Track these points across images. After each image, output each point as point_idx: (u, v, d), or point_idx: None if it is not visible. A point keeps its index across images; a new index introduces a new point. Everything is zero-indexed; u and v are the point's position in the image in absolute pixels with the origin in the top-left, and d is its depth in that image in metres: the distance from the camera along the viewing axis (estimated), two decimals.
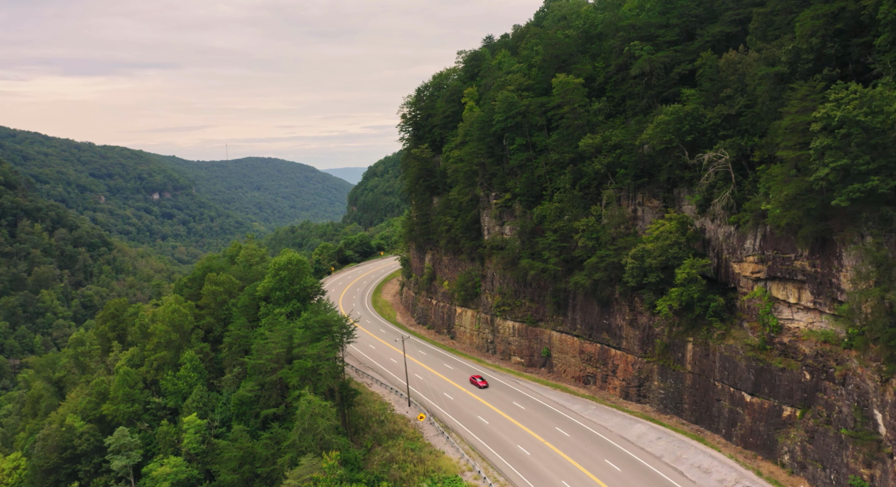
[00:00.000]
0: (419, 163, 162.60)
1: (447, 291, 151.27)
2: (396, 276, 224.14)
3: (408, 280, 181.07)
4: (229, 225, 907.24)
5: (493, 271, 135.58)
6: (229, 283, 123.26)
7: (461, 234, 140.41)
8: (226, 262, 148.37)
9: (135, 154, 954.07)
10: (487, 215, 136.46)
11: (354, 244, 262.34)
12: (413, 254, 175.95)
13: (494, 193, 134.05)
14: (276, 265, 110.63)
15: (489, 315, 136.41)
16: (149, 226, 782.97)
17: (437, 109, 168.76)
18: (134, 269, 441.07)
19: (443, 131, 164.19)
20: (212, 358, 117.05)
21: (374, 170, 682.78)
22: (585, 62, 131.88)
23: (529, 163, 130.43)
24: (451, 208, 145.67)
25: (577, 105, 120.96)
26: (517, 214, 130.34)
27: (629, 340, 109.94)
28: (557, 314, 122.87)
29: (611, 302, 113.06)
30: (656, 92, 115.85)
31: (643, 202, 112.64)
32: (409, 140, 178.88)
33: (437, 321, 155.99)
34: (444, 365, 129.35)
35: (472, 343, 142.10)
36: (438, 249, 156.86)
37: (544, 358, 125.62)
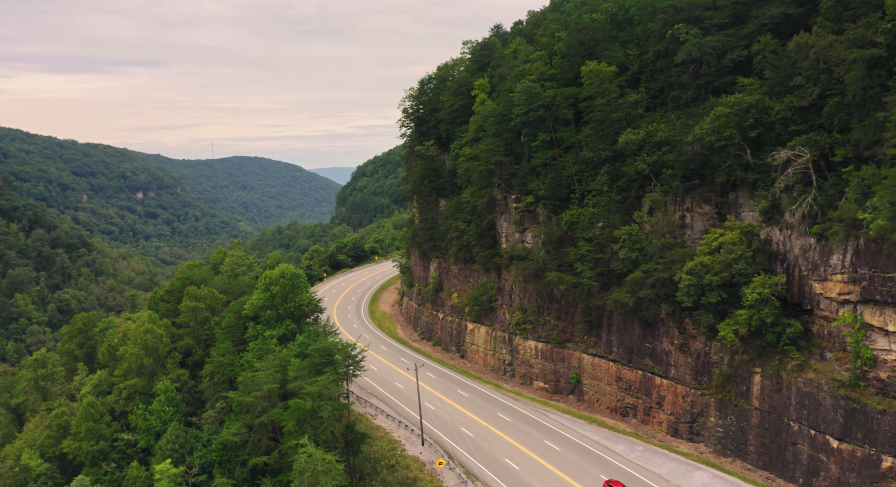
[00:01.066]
0: (424, 162, 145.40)
1: (457, 304, 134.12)
2: (394, 283, 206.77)
3: (409, 289, 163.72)
4: (215, 224, 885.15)
5: (512, 284, 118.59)
6: (212, 298, 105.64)
7: (475, 242, 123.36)
8: (208, 272, 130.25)
9: (119, 152, 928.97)
10: (505, 220, 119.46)
11: (347, 248, 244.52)
12: (415, 262, 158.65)
13: (514, 196, 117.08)
14: (267, 279, 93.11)
15: (507, 333, 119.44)
16: (132, 226, 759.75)
17: (444, 103, 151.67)
18: (114, 271, 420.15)
19: (450, 127, 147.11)
20: (190, 387, 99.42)
21: (363, 169, 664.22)
22: (616, 49, 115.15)
23: (555, 161, 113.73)
24: (462, 212, 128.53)
25: (614, 96, 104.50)
26: (541, 220, 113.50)
27: (679, 368, 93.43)
28: (589, 334, 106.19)
29: (655, 323, 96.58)
30: (705, 82, 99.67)
31: (692, 207, 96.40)
32: (412, 136, 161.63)
33: (444, 337, 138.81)
34: (457, 391, 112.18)
35: (485, 364, 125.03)
36: (446, 257, 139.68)
37: (573, 384, 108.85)
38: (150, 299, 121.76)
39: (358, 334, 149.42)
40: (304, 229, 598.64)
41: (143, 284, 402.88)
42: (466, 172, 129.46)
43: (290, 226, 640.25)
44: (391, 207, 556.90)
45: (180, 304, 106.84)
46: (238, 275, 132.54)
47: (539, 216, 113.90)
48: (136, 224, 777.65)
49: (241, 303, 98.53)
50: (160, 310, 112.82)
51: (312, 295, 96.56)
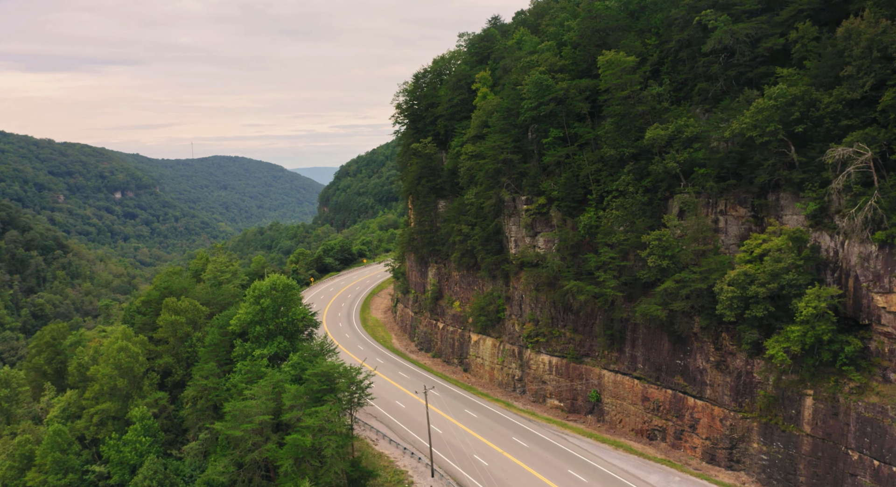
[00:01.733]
0: (421, 161, 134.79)
1: (459, 314, 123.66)
2: (385, 288, 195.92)
3: (404, 296, 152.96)
4: (195, 225, 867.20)
5: (522, 293, 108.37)
6: (193, 311, 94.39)
7: (480, 247, 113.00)
8: (189, 280, 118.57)
9: (96, 151, 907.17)
10: (514, 224, 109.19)
11: (334, 251, 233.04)
12: (411, 267, 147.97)
13: (525, 197, 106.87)
14: (257, 291, 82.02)
15: (517, 346, 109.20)
16: (110, 227, 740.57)
17: (441, 98, 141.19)
18: (91, 274, 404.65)
19: (449, 123, 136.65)
20: (170, 412, 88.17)
21: (346, 169, 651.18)
22: (632, 39, 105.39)
23: (569, 160, 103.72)
24: (465, 214, 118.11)
25: (638, 88, 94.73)
26: (554, 223, 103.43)
27: (716, 388, 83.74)
28: (611, 349, 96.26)
29: (687, 337, 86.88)
30: (737, 73, 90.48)
31: (726, 210, 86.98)
32: (406, 133, 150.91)
33: (444, 349, 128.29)
34: (464, 410, 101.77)
35: (492, 378, 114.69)
36: (447, 263, 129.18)
37: (592, 403, 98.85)
38: (126, 310, 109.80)
39: (352, 345, 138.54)
40: (286, 230, 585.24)
41: (120, 287, 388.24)
42: (469, 171, 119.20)
43: (272, 226, 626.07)
44: (375, 208, 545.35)
45: (158, 317, 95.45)
46: (222, 283, 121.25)
47: (552, 219, 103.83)
48: (115, 224, 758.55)
49: (227, 317, 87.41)
50: (136, 324, 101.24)
51: (307, 309, 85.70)
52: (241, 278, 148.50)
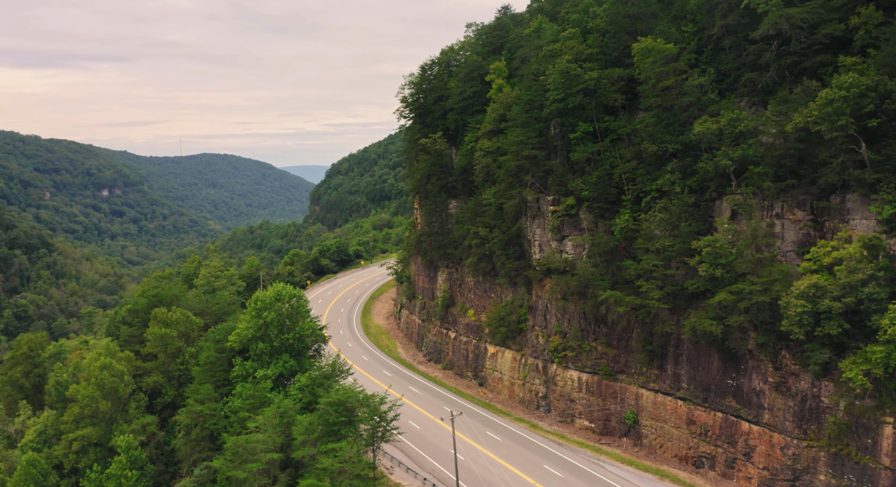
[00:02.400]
0: (430, 158, 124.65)
1: (473, 323, 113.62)
2: (385, 291, 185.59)
3: (409, 301, 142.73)
4: (183, 223, 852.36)
5: (547, 302, 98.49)
6: (186, 323, 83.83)
7: (499, 251, 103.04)
8: (180, 286, 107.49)
9: (84, 148, 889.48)
10: (539, 226, 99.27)
11: (331, 252, 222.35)
12: (418, 271, 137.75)
13: (552, 197, 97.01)
14: (260, 303, 71.61)
15: (541, 360, 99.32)
16: (97, 225, 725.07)
17: (452, 90, 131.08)
18: (77, 273, 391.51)
19: (460, 117, 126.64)
20: (160, 440, 77.70)
21: (337, 167, 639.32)
22: (667, 25, 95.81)
23: (600, 156, 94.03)
24: (482, 215, 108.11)
25: (684, 77, 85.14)
26: (584, 226, 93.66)
27: (775, 412, 74.20)
28: (650, 366, 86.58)
29: (741, 355, 77.32)
30: (791, 62, 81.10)
31: (783, 213, 77.58)
32: (413, 129, 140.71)
33: (457, 360, 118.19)
34: (486, 432, 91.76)
35: (512, 394, 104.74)
36: (459, 268, 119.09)
37: (627, 425, 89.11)
38: (110, 320, 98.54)
39: (355, 355, 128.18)
40: (276, 229, 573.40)
41: (107, 287, 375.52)
42: (486, 169, 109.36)
43: (262, 225, 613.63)
44: (368, 206, 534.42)
45: (146, 330, 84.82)
46: (216, 290, 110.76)
47: (582, 222, 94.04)
48: (102, 222, 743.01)
49: (224, 331, 76.99)
50: (121, 337, 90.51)
51: (316, 323, 75.40)
52: (238, 284, 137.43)
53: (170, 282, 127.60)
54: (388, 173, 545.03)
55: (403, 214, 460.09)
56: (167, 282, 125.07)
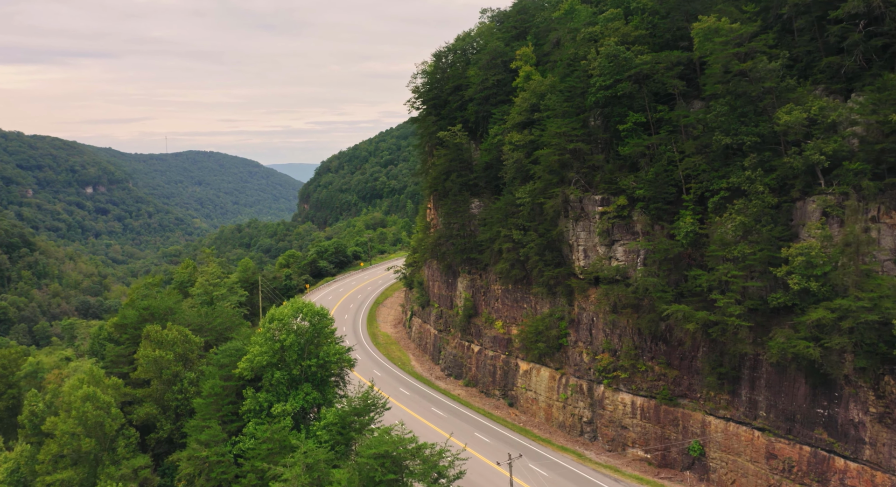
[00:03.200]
0: (450, 153, 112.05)
1: (502, 336, 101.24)
2: (389, 296, 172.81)
3: (422, 309, 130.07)
4: (169, 221, 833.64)
5: (594, 315, 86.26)
6: (184, 343, 70.58)
7: (536, 256, 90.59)
8: (174, 296, 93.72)
9: (67, 144, 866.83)
10: (583, 229, 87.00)
11: (329, 253, 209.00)
12: (432, 276, 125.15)
13: (601, 197, 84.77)
14: (277, 323, 58.56)
15: (586, 381, 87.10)
16: (81, 223, 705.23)
17: (472, 79, 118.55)
18: (60, 273, 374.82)
19: (482, 108, 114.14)
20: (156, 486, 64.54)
21: (327, 165, 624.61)
22: (725, 4, 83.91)
23: (651, 150, 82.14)
24: (515, 216, 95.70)
25: (764, 60, 73.23)
26: (638, 229, 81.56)
27: (878, 448, 62.48)
28: (719, 390, 74.58)
29: (833, 380, 65.44)
30: (883, 44, 69.82)
31: (878, 217, 65.94)
32: (425, 122, 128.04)
33: (482, 377, 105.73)
34: (529, 464, 79.17)
35: (549, 418, 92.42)
36: (484, 274, 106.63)
37: (692, 457, 77.02)
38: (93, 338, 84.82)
39: (366, 369, 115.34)
40: (265, 227, 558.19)
41: (91, 288, 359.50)
42: (517, 164, 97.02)
43: (251, 223, 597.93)
44: (359, 205, 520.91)
45: (137, 350, 71.53)
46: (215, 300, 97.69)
47: (635, 224, 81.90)
48: (86, 220, 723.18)
49: (230, 354, 64.02)
50: (107, 357, 77.08)
51: (343, 346, 62.60)
52: (240, 294, 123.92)
53: (161, 290, 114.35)
54: (379, 171, 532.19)
55: (396, 213, 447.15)
56: (158, 290, 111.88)
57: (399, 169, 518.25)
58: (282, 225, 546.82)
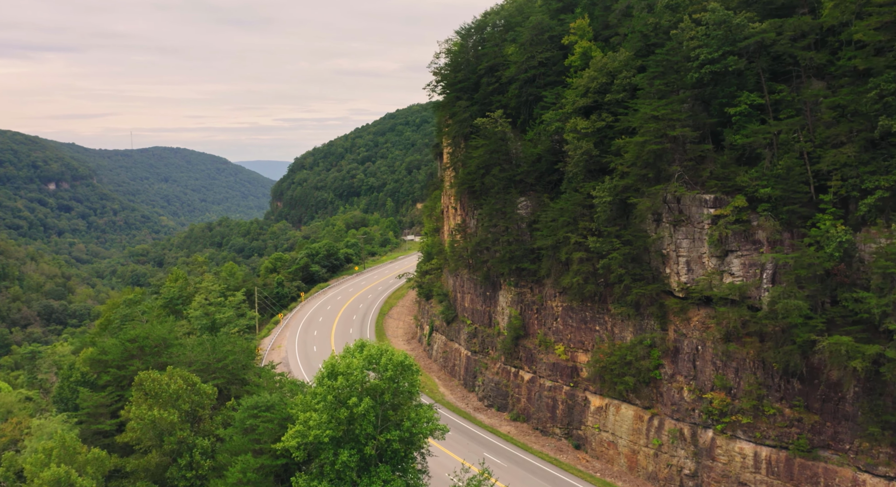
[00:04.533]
0: (490, 144, 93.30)
1: (564, 363, 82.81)
2: (394, 305, 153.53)
3: (446, 325, 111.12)
4: (135, 219, 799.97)
5: (698, 343, 68.30)
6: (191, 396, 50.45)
7: (621, 269, 72.24)
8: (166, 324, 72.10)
9: (29, 139, 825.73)
10: (686, 236, 68.97)
11: (320, 256, 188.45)
12: (461, 287, 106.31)
13: (712, 197, 66.78)
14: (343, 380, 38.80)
15: (687, 424, 69.13)
16: (43, 220, 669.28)
17: (510, 58, 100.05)
18: (21, 275, 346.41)
19: (526, 91, 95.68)
20: None
21: (301, 162, 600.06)
22: None
23: (775, 138, 64.60)
24: (585, 219, 77.32)
25: None
26: (763, 237, 63.80)
27: None
28: (879, 442, 57.11)
29: None
30: None
31: None
32: (453, 106, 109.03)
33: (535, 410, 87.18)
34: None
35: (634, 466, 74.24)
36: (538, 287, 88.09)
37: None
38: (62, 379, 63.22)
39: None
40: (237, 226, 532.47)
41: (54, 291, 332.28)
42: (586, 156, 78.75)
43: (222, 222, 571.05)
44: (335, 203, 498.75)
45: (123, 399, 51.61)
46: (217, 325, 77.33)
47: (756, 231, 64.14)
48: (48, 218, 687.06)
49: (262, 415, 44.34)
50: (82, 407, 56.43)
51: (430, 408, 43.47)
52: (249, 315, 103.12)
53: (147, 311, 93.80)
54: (356, 168, 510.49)
55: (376, 211, 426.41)
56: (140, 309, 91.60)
57: (377, 166, 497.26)
58: (255, 223, 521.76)
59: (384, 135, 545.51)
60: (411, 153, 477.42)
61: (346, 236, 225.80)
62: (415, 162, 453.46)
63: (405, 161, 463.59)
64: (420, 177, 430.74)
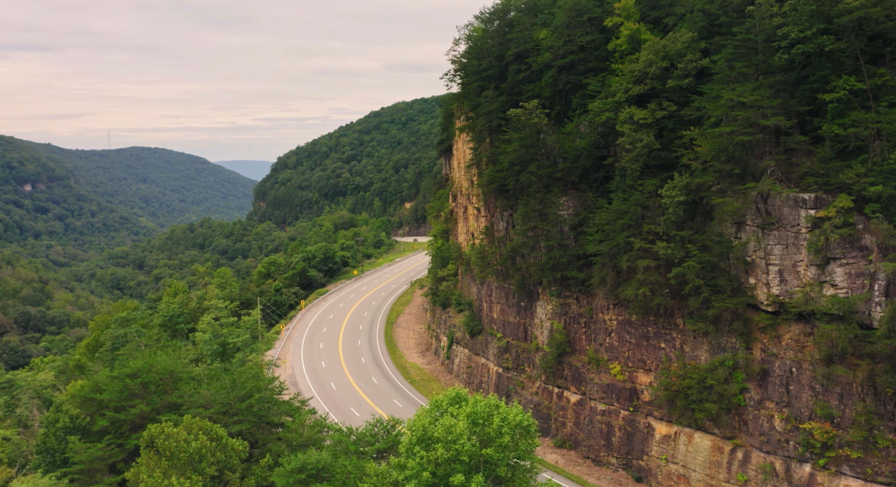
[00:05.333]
0: (527, 137, 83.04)
1: (621, 385, 72.86)
2: (400, 312, 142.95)
3: (470, 338, 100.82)
4: (113, 220, 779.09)
5: (792, 365, 58.62)
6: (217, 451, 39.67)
7: (700, 279, 62.21)
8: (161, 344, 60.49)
9: (5, 140, 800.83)
10: (778, 242, 59.20)
11: (317, 259, 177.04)
12: (488, 297, 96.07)
13: (811, 196, 57.00)
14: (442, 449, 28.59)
15: (780, 458, 59.40)
16: (19, 223, 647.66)
17: (541, 42, 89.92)
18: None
19: (563, 78, 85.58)
20: None
21: (284, 161, 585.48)
22: None
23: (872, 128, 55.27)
24: (648, 221, 67.41)
25: None
26: (872, 243, 54.24)
27: None
28: None
29: None
30: None
31: None
32: (478, 97, 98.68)
33: (585, 437, 77.11)
34: None
35: None
36: (587, 298, 78.03)
37: None
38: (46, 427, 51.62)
39: None
40: (220, 227, 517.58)
41: (31, 297, 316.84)
42: (646, 149, 68.90)
43: (204, 223, 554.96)
44: (321, 203, 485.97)
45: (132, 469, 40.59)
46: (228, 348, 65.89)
47: (863, 236, 54.55)
48: (24, 220, 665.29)
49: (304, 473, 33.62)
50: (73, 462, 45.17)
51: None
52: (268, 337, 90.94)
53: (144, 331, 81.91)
54: (341, 167, 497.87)
55: (363, 211, 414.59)
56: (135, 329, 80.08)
57: (363, 165, 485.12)
58: (238, 224, 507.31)
59: (369, 134, 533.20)
60: (398, 151, 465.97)
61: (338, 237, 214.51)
62: (402, 160, 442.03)
63: (392, 159, 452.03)
64: (408, 176, 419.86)
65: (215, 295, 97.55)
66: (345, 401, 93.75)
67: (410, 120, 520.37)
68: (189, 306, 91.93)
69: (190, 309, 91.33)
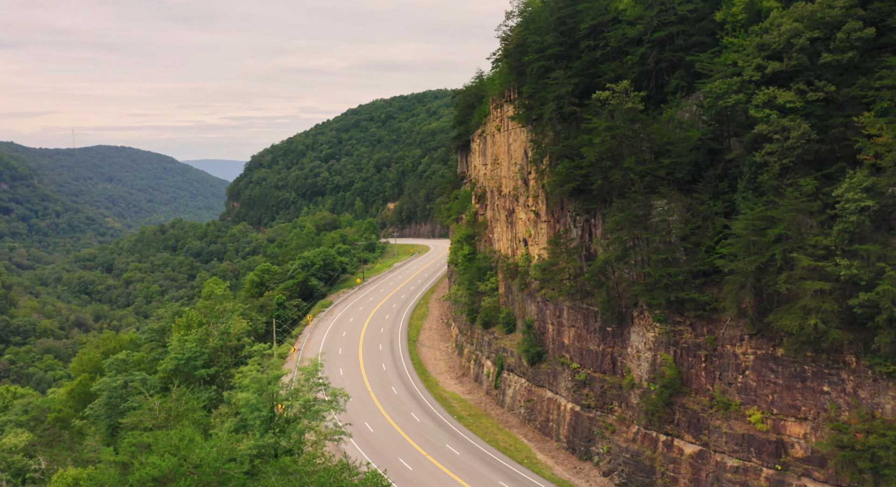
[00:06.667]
0: (620, 126, 67.13)
1: (761, 436, 57.08)
2: (419, 327, 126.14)
3: (529, 366, 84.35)
4: (79, 221, 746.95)
5: None
6: None
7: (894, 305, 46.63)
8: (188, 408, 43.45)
9: None
10: None
11: (316, 267, 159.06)
12: (554, 315, 79.79)
13: None
14: None
15: None
16: None
17: (623, 14, 74.14)
18: None
19: (654, 55, 69.84)
20: None
21: (259, 160, 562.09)
22: None
23: None
24: (815, 229, 51.58)
25: None
26: None
27: None
28: None
29: None
30: None
31: None
32: (542, 80, 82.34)
33: None
34: None
35: None
36: (705, 324, 62.10)
37: None
38: None
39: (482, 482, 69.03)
40: (193, 228, 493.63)
41: None
42: (805, 138, 53.36)
43: (175, 223, 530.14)
44: (298, 202, 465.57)
45: None
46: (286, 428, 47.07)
47: None
48: None
49: None
50: None
51: None
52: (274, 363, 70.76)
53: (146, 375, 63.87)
54: (319, 166, 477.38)
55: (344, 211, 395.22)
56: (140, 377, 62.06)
57: (342, 164, 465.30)
58: (212, 225, 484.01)
59: (348, 132, 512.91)
60: (379, 150, 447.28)
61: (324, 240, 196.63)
62: (384, 159, 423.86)
63: (373, 158, 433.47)
64: (391, 176, 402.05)
65: (242, 329, 78.86)
66: (388, 448, 76.72)
67: (390, 117, 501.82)
68: (209, 344, 73.11)
69: (210, 348, 72.62)
